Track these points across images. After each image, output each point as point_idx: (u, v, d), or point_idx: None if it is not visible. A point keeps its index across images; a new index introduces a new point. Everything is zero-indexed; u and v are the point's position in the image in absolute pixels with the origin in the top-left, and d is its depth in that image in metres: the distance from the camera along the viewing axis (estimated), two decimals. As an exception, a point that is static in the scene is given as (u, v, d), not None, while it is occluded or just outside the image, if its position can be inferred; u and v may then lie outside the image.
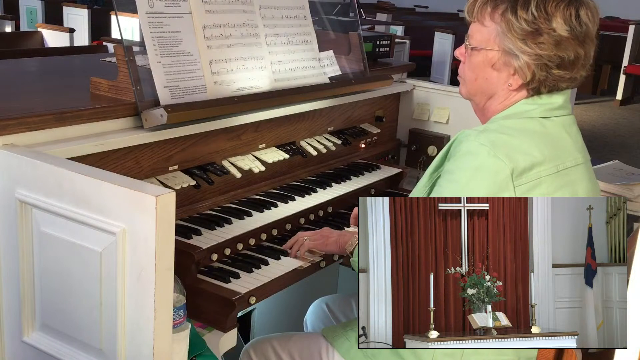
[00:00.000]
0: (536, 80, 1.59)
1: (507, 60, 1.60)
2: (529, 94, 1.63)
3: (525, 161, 1.52)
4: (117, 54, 1.88)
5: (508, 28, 1.57)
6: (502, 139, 1.54)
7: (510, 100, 1.65)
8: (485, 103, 1.69)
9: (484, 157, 1.51)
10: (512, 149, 1.53)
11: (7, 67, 2.48)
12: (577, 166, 1.63)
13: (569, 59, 1.58)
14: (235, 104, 2.06)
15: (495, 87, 1.65)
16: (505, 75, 1.62)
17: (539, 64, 1.57)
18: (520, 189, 1.52)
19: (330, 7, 2.94)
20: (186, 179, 2.01)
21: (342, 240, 1.92)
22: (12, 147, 1.56)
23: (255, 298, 1.79)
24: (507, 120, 1.62)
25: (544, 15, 1.54)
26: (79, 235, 1.43)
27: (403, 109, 3.03)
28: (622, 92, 10.24)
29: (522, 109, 1.63)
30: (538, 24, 1.55)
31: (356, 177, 2.56)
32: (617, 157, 3.94)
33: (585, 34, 1.58)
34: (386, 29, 7.78)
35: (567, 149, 1.62)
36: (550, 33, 1.55)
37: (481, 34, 1.63)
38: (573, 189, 1.61)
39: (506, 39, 1.58)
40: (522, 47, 1.56)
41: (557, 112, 1.63)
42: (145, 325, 1.35)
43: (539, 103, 1.62)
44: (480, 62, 1.64)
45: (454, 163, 1.57)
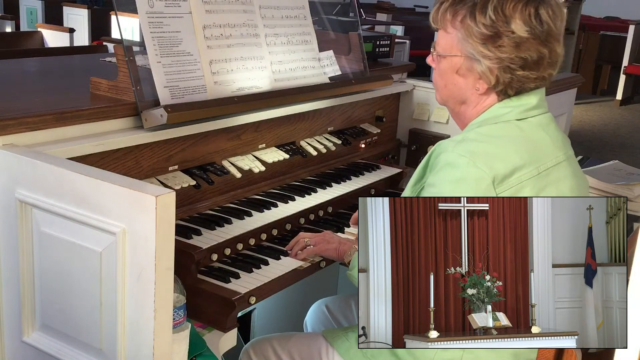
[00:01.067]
0: (501, 83, 1.59)
1: (470, 66, 1.60)
2: (500, 97, 1.63)
3: (505, 168, 1.52)
4: (117, 54, 1.88)
5: (468, 33, 1.58)
6: (480, 147, 1.55)
7: (482, 105, 1.65)
8: (460, 108, 1.70)
9: (464, 167, 1.51)
10: (491, 157, 1.53)
11: (7, 67, 2.48)
12: (559, 164, 1.63)
13: (532, 59, 1.57)
14: (235, 104, 2.06)
15: (465, 93, 1.65)
16: (471, 80, 1.63)
17: (501, 67, 1.57)
18: (502, 195, 1.52)
19: (330, 7, 2.94)
20: (186, 179, 2.01)
21: (341, 248, 1.92)
22: (12, 147, 1.56)
23: (255, 298, 1.79)
24: (483, 127, 1.62)
25: (502, 18, 1.54)
26: (79, 235, 1.43)
27: (403, 109, 3.03)
28: (622, 92, 10.24)
29: (497, 113, 1.63)
30: (497, 27, 1.54)
31: (356, 177, 2.56)
32: (617, 157, 3.94)
33: (547, 32, 1.57)
34: (386, 29, 7.77)
35: (547, 148, 1.62)
36: (509, 35, 1.54)
37: (445, 40, 1.64)
38: (557, 188, 1.61)
39: (467, 44, 1.58)
40: (482, 52, 1.56)
41: (532, 113, 1.63)
42: (145, 325, 1.35)
43: (513, 105, 1.62)
44: (447, 69, 1.66)
45: (435, 176, 1.57)
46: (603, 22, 11.75)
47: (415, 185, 1.66)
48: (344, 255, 1.90)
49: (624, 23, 10.80)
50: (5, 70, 2.40)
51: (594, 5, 11.38)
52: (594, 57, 11.16)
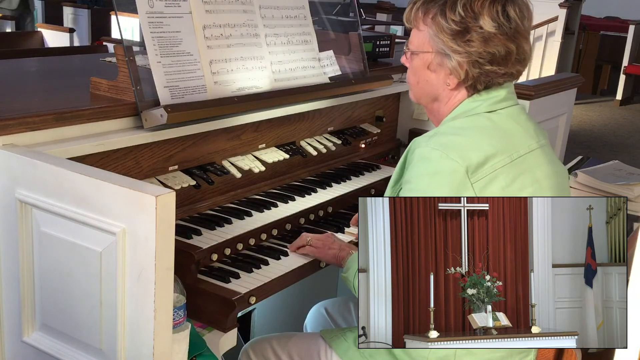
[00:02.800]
0: (470, 78, 1.64)
1: (441, 61, 1.65)
2: (469, 93, 1.68)
3: (478, 157, 1.55)
4: (117, 54, 1.88)
5: (439, 29, 1.63)
6: (452, 140, 1.58)
7: (453, 101, 1.69)
8: (433, 105, 1.75)
9: (437, 160, 1.55)
10: (463, 148, 1.56)
11: (7, 67, 2.48)
12: (533, 152, 1.66)
13: (500, 54, 1.61)
14: (235, 104, 2.06)
15: (436, 88, 1.70)
16: (442, 75, 1.67)
17: (470, 61, 1.61)
18: (478, 184, 1.54)
19: (330, 7, 2.94)
20: (186, 179, 2.01)
21: (340, 255, 1.93)
22: (12, 147, 1.56)
23: (255, 298, 1.79)
24: (455, 121, 1.67)
25: (471, 14, 1.60)
26: (79, 235, 1.43)
27: (403, 109, 3.03)
28: (622, 92, 10.24)
29: (467, 108, 1.67)
30: (466, 23, 1.60)
31: (356, 177, 2.56)
32: (617, 157, 3.94)
33: (515, 29, 1.62)
34: (386, 29, 7.77)
35: (518, 137, 1.65)
36: (478, 30, 1.59)
37: (417, 38, 1.70)
38: (532, 175, 1.63)
39: (438, 40, 1.64)
40: (452, 47, 1.62)
41: (502, 105, 1.67)
42: (145, 325, 1.35)
43: (482, 99, 1.67)
44: (419, 66, 1.71)
45: (410, 172, 1.61)
46: (603, 22, 11.75)
47: (395, 185, 1.70)
48: (341, 262, 1.90)
49: (624, 23, 10.81)
50: (5, 70, 2.40)
51: (594, 5, 11.38)
52: (594, 57, 11.16)
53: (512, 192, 1.58)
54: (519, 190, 1.59)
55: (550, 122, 3.03)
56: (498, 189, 1.56)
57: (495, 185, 1.56)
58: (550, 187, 1.65)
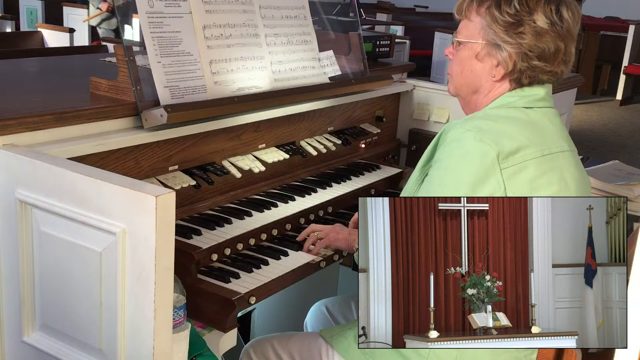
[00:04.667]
0: (517, 71, 1.66)
1: (490, 51, 1.68)
2: (512, 86, 1.70)
3: (510, 145, 1.57)
4: (117, 54, 1.88)
5: (492, 20, 1.66)
6: (487, 124, 1.61)
7: (494, 93, 1.71)
8: (472, 97, 1.76)
9: (470, 142, 1.56)
10: (497, 134, 1.58)
11: (7, 67, 2.48)
12: (563, 153, 1.68)
13: (549, 50, 1.64)
14: (235, 104, 2.06)
15: (480, 79, 1.72)
16: (488, 66, 1.69)
17: (520, 53, 1.64)
18: (506, 171, 1.55)
19: (330, 7, 2.94)
20: (186, 179, 2.01)
21: (350, 238, 1.96)
22: (12, 147, 1.56)
23: (255, 298, 1.79)
24: (492, 110, 1.69)
25: (526, 9, 1.63)
26: (79, 235, 1.43)
27: (403, 109, 3.03)
28: (622, 92, 10.24)
29: (506, 101, 1.69)
30: (520, 16, 1.63)
31: (356, 177, 2.56)
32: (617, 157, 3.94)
33: (567, 29, 1.65)
34: (386, 29, 7.77)
35: (552, 136, 1.67)
36: (531, 24, 1.63)
37: (467, 29, 1.72)
38: (560, 173, 1.64)
39: (490, 31, 1.66)
40: (504, 38, 1.64)
41: (539, 104, 1.70)
42: (145, 325, 1.35)
43: (521, 95, 1.69)
44: (466, 56, 1.73)
45: (442, 151, 1.62)
46: (603, 22, 11.75)
47: (425, 166, 1.70)
48: (353, 244, 1.93)
49: (624, 23, 10.81)
50: (5, 70, 2.40)
51: (594, 5, 11.37)
52: (594, 57, 11.16)
53: (539, 185, 1.59)
54: (546, 185, 1.60)
55: (550, 122, 3.02)
56: (526, 179, 1.57)
57: (524, 175, 1.57)
58: (575, 190, 1.66)
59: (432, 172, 1.63)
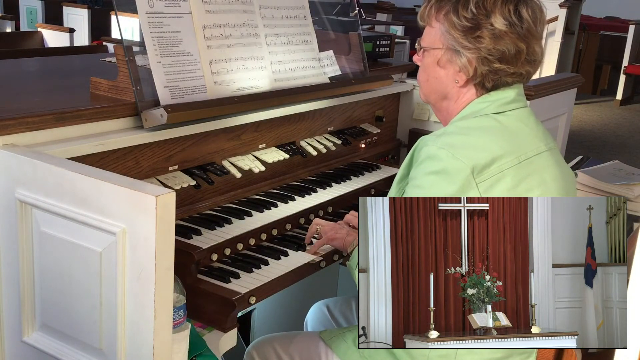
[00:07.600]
0: (479, 75, 1.65)
1: (450, 57, 1.66)
2: (478, 92, 1.68)
3: (484, 158, 1.55)
4: (117, 54, 1.88)
5: (450, 26, 1.65)
6: (459, 139, 1.59)
7: (462, 100, 1.70)
8: (442, 104, 1.75)
9: (444, 159, 1.55)
10: (470, 148, 1.57)
11: (7, 67, 2.48)
12: (540, 154, 1.66)
13: (510, 52, 1.62)
14: (235, 104, 2.06)
15: (445, 86, 1.71)
16: (451, 72, 1.68)
17: (479, 58, 1.62)
18: (483, 185, 1.54)
19: (330, 7, 2.94)
20: (186, 179, 2.01)
21: (347, 239, 1.95)
22: (12, 147, 1.56)
23: (255, 298, 1.79)
24: (463, 121, 1.68)
25: (483, 12, 1.61)
26: (79, 235, 1.43)
27: (403, 109, 3.03)
28: (622, 92, 10.24)
29: (476, 108, 1.68)
30: (477, 20, 1.62)
31: (356, 177, 2.56)
32: (617, 157, 3.94)
33: (527, 29, 1.63)
34: (386, 29, 7.77)
35: (526, 139, 1.65)
36: (488, 27, 1.61)
37: (429, 35, 1.72)
38: (540, 176, 1.63)
39: (449, 36, 1.65)
40: (462, 43, 1.63)
41: (510, 106, 1.68)
42: (145, 325, 1.35)
43: (490, 100, 1.67)
44: (429, 62, 1.73)
45: (416, 169, 1.61)
46: (603, 22, 11.75)
47: (401, 182, 1.69)
48: (347, 245, 1.91)
49: (624, 23, 10.81)
50: (5, 70, 2.40)
51: (594, 5, 11.38)
52: (594, 57, 11.16)
53: (518, 193, 1.58)
54: (526, 192, 1.59)
55: (550, 122, 3.03)
56: (504, 190, 1.56)
57: (501, 186, 1.56)
58: (557, 190, 1.65)
59: (409, 191, 1.63)
